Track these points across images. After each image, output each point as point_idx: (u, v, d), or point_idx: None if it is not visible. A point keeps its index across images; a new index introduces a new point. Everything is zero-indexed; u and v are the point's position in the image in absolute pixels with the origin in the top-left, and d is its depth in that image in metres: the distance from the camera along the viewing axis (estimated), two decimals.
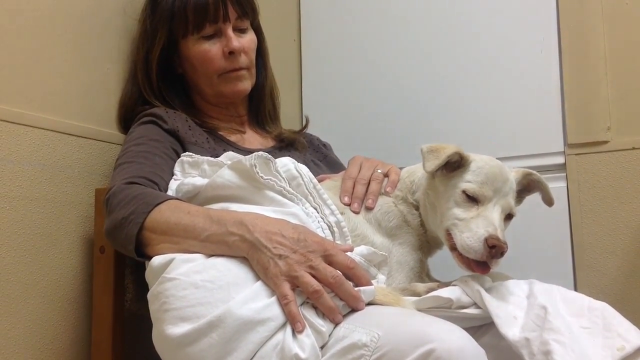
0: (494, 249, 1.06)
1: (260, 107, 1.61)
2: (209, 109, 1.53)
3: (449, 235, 1.15)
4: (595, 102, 1.64)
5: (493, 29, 1.80)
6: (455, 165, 1.17)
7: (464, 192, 1.14)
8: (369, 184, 1.29)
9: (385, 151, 1.88)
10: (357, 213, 1.24)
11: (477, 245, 1.07)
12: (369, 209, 1.25)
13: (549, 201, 1.24)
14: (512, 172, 1.20)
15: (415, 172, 1.28)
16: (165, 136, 1.35)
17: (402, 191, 1.28)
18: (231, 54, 1.44)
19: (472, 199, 1.13)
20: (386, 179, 1.31)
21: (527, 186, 1.24)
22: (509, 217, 1.16)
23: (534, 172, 1.23)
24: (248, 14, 1.49)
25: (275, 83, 1.65)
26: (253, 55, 1.51)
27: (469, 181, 1.14)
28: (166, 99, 1.48)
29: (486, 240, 1.07)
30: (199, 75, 1.48)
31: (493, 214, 1.11)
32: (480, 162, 1.17)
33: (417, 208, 1.26)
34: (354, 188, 1.29)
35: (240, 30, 1.48)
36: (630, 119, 1.61)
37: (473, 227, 1.09)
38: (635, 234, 1.57)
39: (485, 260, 1.07)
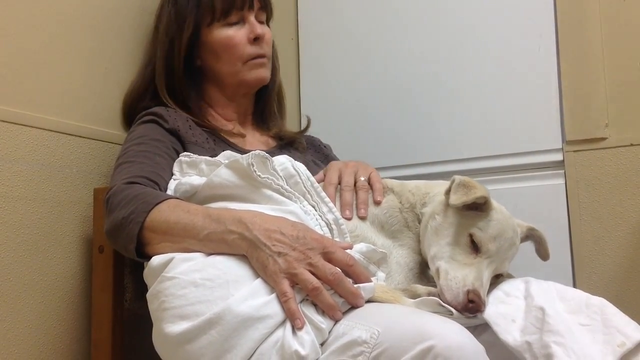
0: (473, 304, 1.04)
1: (266, 107, 1.61)
2: (222, 102, 1.52)
3: (437, 269, 1.13)
4: (593, 99, 1.65)
5: (491, 27, 1.80)
6: (475, 205, 1.14)
7: (470, 235, 1.12)
8: (355, 190, 1.29)
9: (384, 150, 1.89)
10: (349, 219, 1.23)
11: (459, 293, 1.05)
12: (363, 218, 1.24)
13: (544, 256, 1.24)
14: (517, 227, 1.18)
15: (433, 188, 1.25)
16: (166, 135, 1.35)
17: (415, 197, 1.26)
18: (256, 39, 1.45)
19: (475, 246, 1.12)
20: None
21: (525, 238, 1.23)
22: (497, 275, 1.15)
23: (537, 228, 1.23)
24: (267, 7, 1.53)
25: (282, 87, 1.66)
26: (271, 49, 1.53)
27: (480, 228, 1.12)
28: (180, 93, 1.46)
29: (468, 292, 1.05)
30: (222, 64, 1.47)
31: (485, 271, 1.10)
32: (499, 216, 1.14)
33: (420, 221, 1.24)
34: (340, 194, 1.28)
35: (260, 22, 1.50)
36: (628, 116, 1.61)
37: (463, 274, 1.08)
38: (634, 230, 1.57)
39: (458, 310, 1.04)
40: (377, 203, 1.26)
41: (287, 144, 1.58)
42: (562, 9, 1.70)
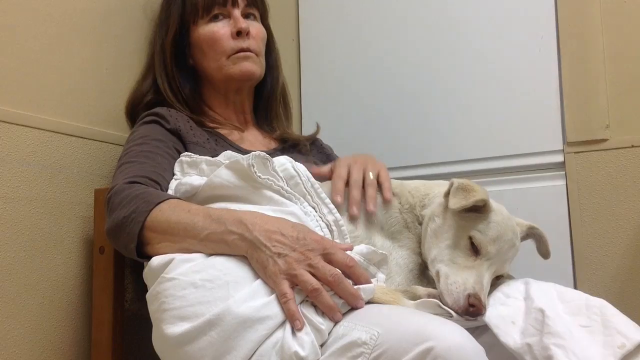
0: (473, 308, 1.04)
1: (270, 107, 1.61)
2: (217, 102, 1.52)
3: (438, 272, 1.13)
4: (594, 100, 1.65)
5: (491, 28, 1.80)
6: (474, 207, 1.14)
7: (470, 238, 1.12)
8: (363, 187, 1.28)
9: (384, 151, 1.88)
10: (356, 217, 1.22)
11: (460, 297, 1.05)
12: (371, 212, 1.23)
13: (545, 254, 1.24)
14: (517, 226, 1.18)
15: (433, 189, 1.25)
16: (167, 136, 1.35)
17: (414, 198, 1.26)
18: (239, 34, 1.45)
19: (474, 249, 1.11)
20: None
21: (525, 237, 1.23)
22: (498, 276, 1.16)
23: (537, 227, 1.23)
24: (257, 4, 1.53)
25: (287, 88, 1.66)
26: (262, 45, 1.52)
27: (479, 231, 1.12)
28: (178, 88, 1.48)
29: (469, 296, 1.05)
30: (208, 60, 1.48)
31: (485, 273, 1.09)
32: (499, 217, 1.14)
33: (420, 223, 1.24)
34: (348, 191, 1.27)
35: (248, 17, 1.51)
36: (629, 117, 1.61)
37: (463, 277, 1.08)
38: (635, 232, 1.57)
39: (459, 313, 1.04)
40: (387, 201, 1.25)
41: (291, 146, 1.58)
42: (563, 10, 1.70)
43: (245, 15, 1.50)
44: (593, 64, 1.65)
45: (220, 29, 1.46)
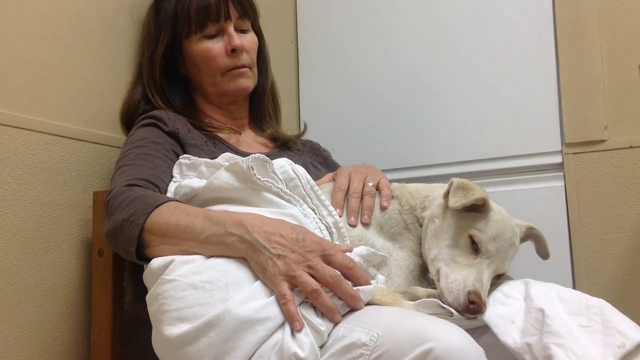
0: (474, 305, 1.04)
1: (260, 109, 1.62)
2: (211, 109, 1.53)
3: (438, 271, 1.13)
4: (592, 101, 1.65)
5: (489, 29, 1.80)
6: (474, 206, 1.14)
7: (470, 237, 1.12)
8: (362, 196, 1.28)
9: (383, 152, 1.89)
10: (354, 226, 1.23)
11: (460, 294, 1.05)
12: (365, 224, 1.24)
13: (544, 254, 1.24)
14: (516, 227, 1.18)
15: (433, 191, 1.26)
16: (165, 138, 1.35)
17: (414, 199, 1.26)
18: (233, 51, 1.45)
19: (474, 247, 1.12)
20: (377, 191, 1.30)
21: (524, 238, 1.24)
22: (498, 275, 1.16)
23: (536, 227, 1.23)
24: (249, 14, 1.52)
25: (276, 85, 1.66)
26: (254, 55, 1.53)
27: (479, 229, 1.12)
28: (169, 100, 1.49)
29: (469, 293, 1.05)
30: (203, 75, 1.49)
31: (485, 272, 1.10)
32: (498, 216, 1.15)
33: (421, 225, 1.24)
34: (346, 200, 1.28)
35: (241, 31, 1.50)
36: (627, 118, 1.62)
37: (463, 275, 1.08)
38: (634, 232, 1.57)
39: (459, 311, 1.05)
40: (383, 208, 1.26)
41: (283, 145, 1.58)
42: (561, 11, 1.70)
43: (239, 29, 1.48)
44: (591, 65, 1.65)
45: (214, 46, 1.46)
